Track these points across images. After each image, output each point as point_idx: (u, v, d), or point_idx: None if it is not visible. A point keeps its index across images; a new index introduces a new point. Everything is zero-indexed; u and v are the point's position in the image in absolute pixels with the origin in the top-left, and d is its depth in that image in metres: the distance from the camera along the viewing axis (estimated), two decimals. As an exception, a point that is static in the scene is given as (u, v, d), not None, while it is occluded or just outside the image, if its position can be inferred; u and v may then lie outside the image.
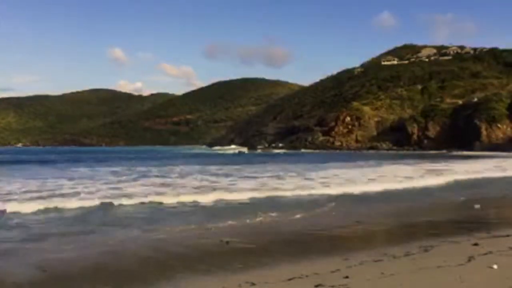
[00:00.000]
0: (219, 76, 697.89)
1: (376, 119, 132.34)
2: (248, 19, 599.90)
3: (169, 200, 18.34)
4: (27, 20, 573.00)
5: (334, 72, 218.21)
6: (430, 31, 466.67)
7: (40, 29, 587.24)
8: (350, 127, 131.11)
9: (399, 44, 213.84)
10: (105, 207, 16.62)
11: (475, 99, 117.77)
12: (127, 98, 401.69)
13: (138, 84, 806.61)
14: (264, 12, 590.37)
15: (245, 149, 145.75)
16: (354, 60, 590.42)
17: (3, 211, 15.13)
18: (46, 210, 15.72)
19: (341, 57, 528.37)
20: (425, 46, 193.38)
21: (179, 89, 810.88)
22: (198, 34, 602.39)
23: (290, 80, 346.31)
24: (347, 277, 7.52)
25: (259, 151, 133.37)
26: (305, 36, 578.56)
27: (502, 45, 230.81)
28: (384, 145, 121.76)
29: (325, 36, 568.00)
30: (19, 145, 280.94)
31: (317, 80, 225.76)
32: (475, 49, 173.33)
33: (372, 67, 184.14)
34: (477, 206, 16.76)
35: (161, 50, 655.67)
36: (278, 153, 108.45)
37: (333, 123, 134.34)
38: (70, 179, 28.49)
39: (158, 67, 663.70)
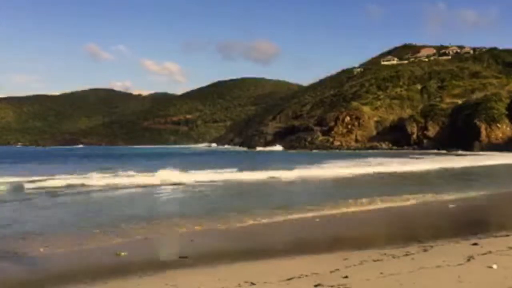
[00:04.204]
0: (205, 71, 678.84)
1: (375, 119, 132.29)
2: (232, 17, 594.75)
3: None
4: (26, 20, 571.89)
5: (334, 72, 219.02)
6: (422, 24, 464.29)
7: (36, 28, 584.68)
8: (349, 127, 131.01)
9: (398, 44, 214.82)
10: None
11: (474, 97, 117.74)
12: (127, 97, 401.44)
13: (127, 83, 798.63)
14: (249, 9, 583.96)
15: (244, 148, 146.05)
16: (353, 60, 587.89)
17: None
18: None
19: (341, 57, 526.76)
20: (424, 46, 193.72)
21: (168, 86, 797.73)
22: (177, 29, 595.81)
23: (280, 78, 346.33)
24: (346, 276, 7.52)
25: (258, 150, 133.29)
26: (298, 34, 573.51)
27: (501, 45, 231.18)
28: (383, 145, 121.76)
29: (324, 36, 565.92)
30: (18, 145, 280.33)
31: (317, 80, 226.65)
32: (474, 49, 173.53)
33: (371, 67, 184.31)
34: (452, 205, 17.03)
35: (139, 46, 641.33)
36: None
37: (332, 123, 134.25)
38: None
39: (140, 63, 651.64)
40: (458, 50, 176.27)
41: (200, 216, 14.84)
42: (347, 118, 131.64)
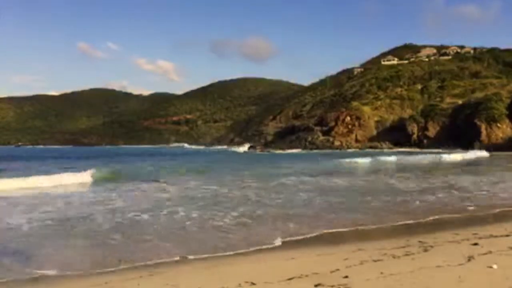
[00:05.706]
0: (200, 70, 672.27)
1: (376, 118, 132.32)
2: (226, 15, 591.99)
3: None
4: (26, 19, 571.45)
5: (334, 72, 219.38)
6: (422, 23, 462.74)
7: (36, 28, 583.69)
8: (350, 126, 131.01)
9: (398, 44, 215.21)
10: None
11: (475, 97, 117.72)
12: (127, 97, 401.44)
13: (124, 82, 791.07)
14: (246, 7, 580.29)
15: (245, 148, 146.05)
16: (353, 60, 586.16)
17: None
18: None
19: (341, 57, 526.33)
20: (424, 46, 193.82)
21: (164, 85, 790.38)
22: (169, 27, 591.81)
23: (280, 78, 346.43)
24: (346, 276, 7.52)
25: (257, 151, 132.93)
26: (297, 34, 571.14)
27: (502, 45, 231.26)
28: (384, 145, 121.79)
29: (324, 35, 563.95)
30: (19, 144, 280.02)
31: (317, 79, 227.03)
32: (475, 49, 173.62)
33: (371, 67, 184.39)
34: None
35: (130, 44, 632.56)
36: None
37: (333, 123, 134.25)
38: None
39: (133, 62, 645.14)
40: (459, 50, 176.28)
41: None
42: (348, 118, 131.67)
